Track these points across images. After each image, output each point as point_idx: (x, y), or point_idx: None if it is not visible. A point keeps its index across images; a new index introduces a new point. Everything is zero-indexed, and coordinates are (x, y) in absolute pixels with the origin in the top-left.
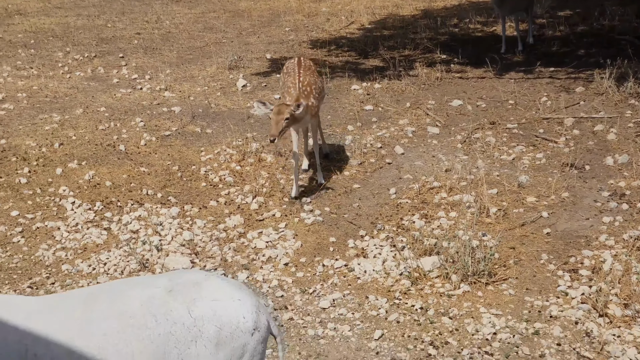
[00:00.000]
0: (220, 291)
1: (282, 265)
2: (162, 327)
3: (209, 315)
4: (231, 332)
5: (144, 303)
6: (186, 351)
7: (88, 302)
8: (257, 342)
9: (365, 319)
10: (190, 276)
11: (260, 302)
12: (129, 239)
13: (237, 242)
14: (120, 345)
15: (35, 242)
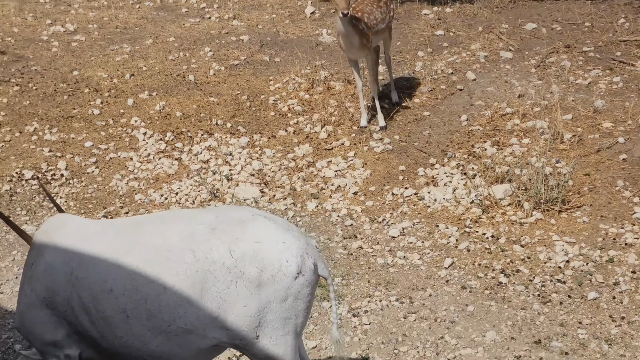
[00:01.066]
0: (265, 233)
1: (351, 194)
2: (201, 264)
3: (251, 256)
4: (273, 275)
5: (184, 238)
6: (225, 291)
7: (133, 231)
8: (302, 286)
9: (435, 248)
10: (237, 214)
11: (309, 245)
12: (200, 169)
13: (306, 171)
14: (152, 278)
15: (108, 172)
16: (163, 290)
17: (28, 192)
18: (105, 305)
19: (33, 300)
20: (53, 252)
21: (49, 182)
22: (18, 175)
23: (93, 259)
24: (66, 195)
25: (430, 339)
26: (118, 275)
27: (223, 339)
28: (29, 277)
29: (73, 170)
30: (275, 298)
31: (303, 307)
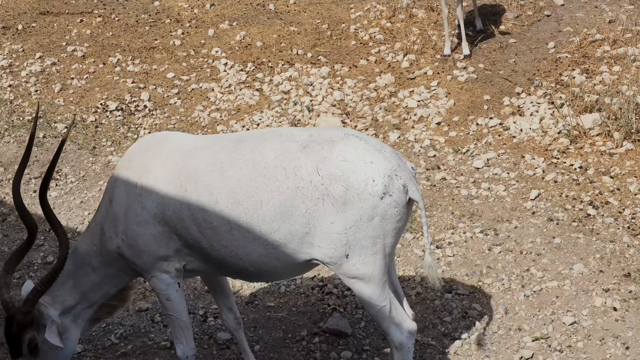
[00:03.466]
0: (353, 152)
1: (434, 124)
2: (291, 181)
3: (337, 175)
4: (358, 194)
5: (278, 156)
6: (314, 207)
7: (236, 146)
8: (389, 206)
9: (521, 179)
10: (329, 134)
11: (401, 166)
12: (281, 100)
13: (388, 101)
14: (250, 193)
15: (191, 103)
16: (260, 205)
17: (113, 124)
18: (212, 216)
19: (145, 217)
20: (162, 167)
21: (132, 114)
22: (102, 107)
23: (201, 172)
24: (150, 127)
25: (516, 271)
26: (223, 188)
27: (315, 255)
28: (137, 196)
29: (156, 101)
30: (362, 217)
31: (392, 228)
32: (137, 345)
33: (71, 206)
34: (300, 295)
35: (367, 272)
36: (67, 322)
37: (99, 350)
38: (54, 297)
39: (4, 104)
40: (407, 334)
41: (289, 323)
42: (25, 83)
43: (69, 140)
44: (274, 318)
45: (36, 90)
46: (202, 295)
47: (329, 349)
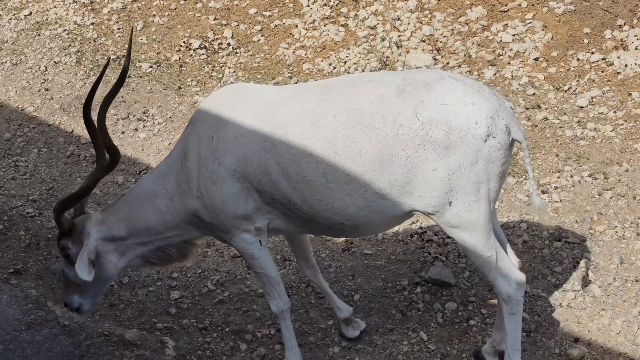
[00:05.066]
0: (452, 94)
1: (532, 60)
2: (390, 128)
3: (438, 119)
4: (461, 138)
5: (373, 102)
6: (414, 154)
7: (324, 95)
8: (493, 149)
9: (629, 118)
10: (423, 76)
11: (502, 106)
12: (367, 36)
13: (481, 35)
14: (348, 142)
15: (274, 40)
16: (358, 155)
17: (197, 62)
18: (306, 168)
19: (223, 174)
20: (241, 120)
21: (216, 52)
22: (186, 45)
23: (290, 123)
24: (234, 65)
25: (630, 218)
26: (317, 138)
27: (416, 206)
28: (212, 152)
29: (239, 39)
30: (465, 161)
31: (496, 171)
32: (233, 293)
33: (160, 148)
34: (399, 242)
35: (471, 220)
36: (110, 249)
37: (196, 296)
38: (105, 220)
39: (88, 43)
40: (516, 286)
41: (389, 272)
42: (107, 21)
43: (155, 80)
44: (372, 266)
45: (119, 28)
46: None
47: (432, 299)
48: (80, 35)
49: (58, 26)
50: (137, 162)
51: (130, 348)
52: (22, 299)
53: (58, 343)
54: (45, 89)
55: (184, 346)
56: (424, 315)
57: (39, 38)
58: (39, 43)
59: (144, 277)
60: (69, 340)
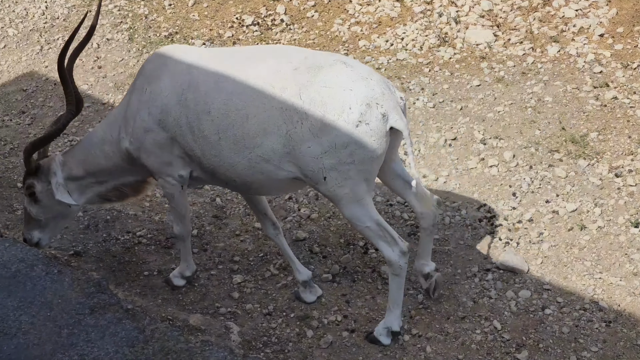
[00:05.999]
0: (335, 79)
1: (597, 36)
2: (276, 101)
3: (317, 100)
4: (334, 121)
5: (269, 74)
6: (293, 129)
7: (233, 60)
8: (364, 134)
9: None
10: (320, 59)
11: (385, 95)
12: (424, 11)
13: (542, 11)
14: (239, 106)
15: (329, 16)
16: (246, 119)
17: (250, 39)
18: (205, 125)
19: (150, 124)
20: (169, 76)
21: (269, 28)
22: (238, 21)
23: (199, 83)
24: (289, 42)
25: None
26: (215, 99)
27: (297, 174)
28: (144, 102)
29: (292, 14)
30: (337, 143)
31: (368, 155)
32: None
33: None
34: (467, 227)
35: (344, 195)
36: (72, 187)
37: (259, 280)
38: (66, 162)
39: (139, 19)
40: (399, 253)
41: (458, 257)
42: None
43: None
44: (440, 251)
45: (170, 4)
46: None
47: (504, 287)
48: (132, 12)
49: (109, 2)
50: None
51: (194, 333)
52: (84, 281)
53: (122, 327)
54: (99, 66)
55: (249, 332)
56: (497, 303)
57: (90, 15)
58: (89, 20)
59: (205, 260)
60: (132, 324)
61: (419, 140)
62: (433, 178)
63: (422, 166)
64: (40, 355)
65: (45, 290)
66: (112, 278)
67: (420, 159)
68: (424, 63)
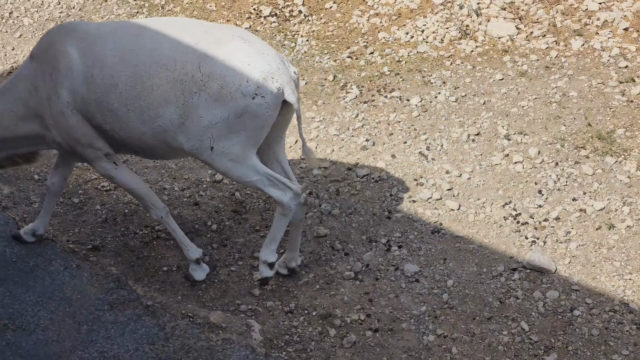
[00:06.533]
0: (234, 53)
1: (621, 30)
2: (178, 73)
3: (216, 73)
4: (231, 93)
5: (172, 47)
6: (190, 100)
7: (138, 33)
8: (260, 106)
9: None
10: (220, 34)
11: (280, 70)
12: (444, 3)
13: (565, 3)
14: (145, 78)
15: (347, 7)
16: (151, 91)
17: (268, 30)
18: (113, 98)
19: (63, 107)
20: (71, 55)
21: (287, 19)
22: (256, 12)
23: (104, 58)
24: (307, 34)
25: None
26: (122, 72)
27: (185, 146)
28: (52, 87)
29: (310, 5)
30: (231, 114)
31: (261, 125)
32: (319, 274)
33: None
34: (492, 225)
35: (229, 161)
36: None
37: (280, 278)
38: None
39: (156, 9)
40: (292, 195)
41: (483, 256)
42: None
43: None
44: (464, 250)
45: None
46: (382, 222)
47: (531, 287)
48: (148, 2)
49: None
50: None
51: (215, 331)
52: (102, 277)
53: (142, 324)
54: None
55: (270, 330)
56: (524, 303)
57: (106, 4)
58: (106, 9)
59: (224, 256)
60: (153, 321)
61: (441, 135)
62: (456, 174)
63: (445, 162)
64: (60, 352)
65: (64, 285)
66: (131, 273)
67: (443, 155)
68: (445, 56)
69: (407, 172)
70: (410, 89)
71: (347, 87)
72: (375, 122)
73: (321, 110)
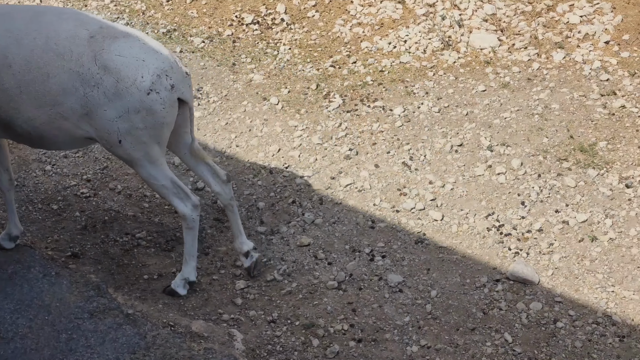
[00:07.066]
0: (129, 49)
1: (602, 43)
2: (74, 64)
3: (111, 68)
4: (127, 87)
5: (68, 37)
6: (90, 93)
7: (36, 17)
8: (154, 102)
9: None
10: (114, 30)
11: (174, 68)
12: (427, 14)
13: (546, 16)
14: (40, 64)
15: (330, 16)
16: (47, 78)
17: (250, 38)
18: (5, 78)
19: None
20: None
21: (270, 27)
22: (238, 20)
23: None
24: (289, 42)
25: None
26: (17, 54)
27: (92, 134)
28: None
29: (293, 14)
30: (129, 108)
31: (159, 121)
32: (302, 284)
33: (216, 128)
34: (475, 235)
35: (139, 157)
36: None
37: (262, 287)
38: None
39: (137, 15)
40: (191, 207)
41: (466, 267)
42: None
43: (208, 55)
44: (448, 260)
45: (168, 0)
46: (365, 231)
47: (514, 298)
48: (129, 7)
49: None
50: None
51: (197, 340)
52: (82, 285)
53: (123, 333)
54: None
55: (253, 339)
56: (507, 314)
57: (86, 9)
58: None
59: (206, 264)
60: (133, 330)
61: (424, 145)
62: (440, 184)
63: (428, 172)
64: None
65: (43, 293)
66: (111, 281)
67: (426, 165)
68: (427, 67)
69: (390, 182)
70: (394, 99)
71: (330, 96)
72: (358, 132)
73: (304, 119)
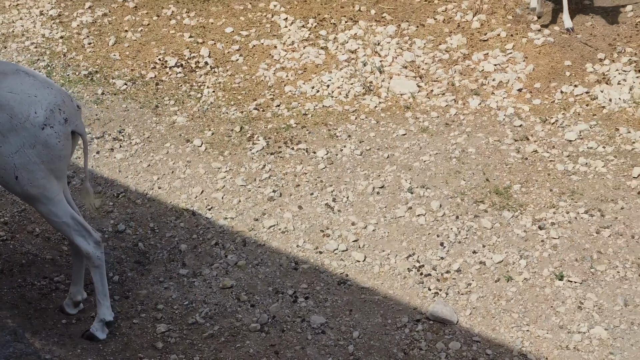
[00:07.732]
0: (20, 85)
1: (516, 91)
2: None
3: (4, 104)
4: (21, 123)
5: None
6: None
7: None
8: (50, 136)
9: (619, 154)
10: (4, 67)
11: (66, 102)
12: (348, 60)
13: (462, 64)
14: None
15: (253, 61)
16: None
17: (174, 81)
18: None
19: None
20: None
21: (193, 70)
22: (161, 62)
23: None
24: (213, 85)
25: (630, 258)
26: None
27: None
28: None
29: (217, 58)
30: (25, 143)
31: (56, 155)
32: (224, 327)
33: (138, 170)
34: (397, 276)
35: (38, 193)
36: None
37: (184, 330)
38: None
39: (58, 57)
40: (94, 244)
41: (387, 307)
42: (77, 35)
43: (130, 97)
44: (370, 301)
45: (89, 42)
46: (289, 273)
47: (434, 338)
48: (50, 49)
49: (25, 39)
50: (114, 184)
51: None
52: None
53: None
54: None
55: None
56: (427, 354)
57: (6, 51)
58: (5, 56)
59: (127, 308)
60: None
61: (347, 187)
62: (362, 226)
63: (351, 213)
64: None
65: None
66: (29, 326)
67: (349, 207)
68: (350, 110)
69: (313, 224)
70: (317, 142)
71: (254, 138)
72: (282, 174)
73: (228, 161)
